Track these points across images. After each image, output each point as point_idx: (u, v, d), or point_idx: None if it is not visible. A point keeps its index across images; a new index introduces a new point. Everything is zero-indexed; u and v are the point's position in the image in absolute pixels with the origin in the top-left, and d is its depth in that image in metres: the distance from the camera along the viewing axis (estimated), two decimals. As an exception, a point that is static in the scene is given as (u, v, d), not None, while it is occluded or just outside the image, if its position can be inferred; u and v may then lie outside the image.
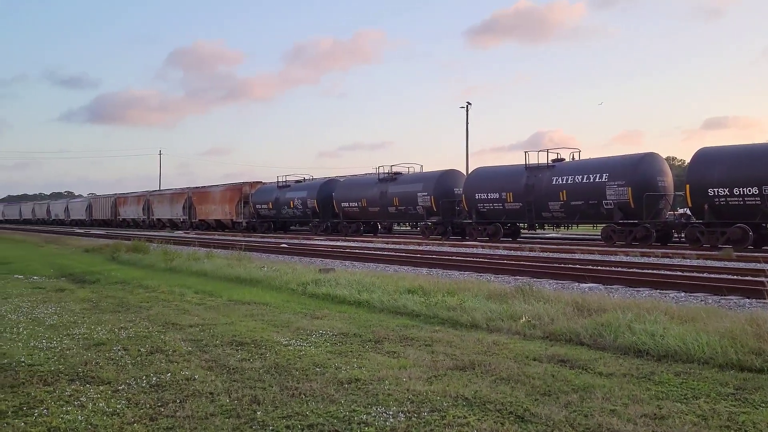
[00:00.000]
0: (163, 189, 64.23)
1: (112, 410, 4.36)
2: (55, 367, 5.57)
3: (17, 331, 7.34)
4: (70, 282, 13.63)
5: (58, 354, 6.11)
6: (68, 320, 8.16)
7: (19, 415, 4.29)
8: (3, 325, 7.81)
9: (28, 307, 9.37)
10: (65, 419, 4.16)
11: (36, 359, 5.88)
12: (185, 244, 26.51)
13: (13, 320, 8.17)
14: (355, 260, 18.25)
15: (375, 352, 6.17)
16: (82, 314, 8.70)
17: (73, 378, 5.22)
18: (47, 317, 8.42)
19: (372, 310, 9.12)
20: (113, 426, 4.04)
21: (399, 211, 32.74)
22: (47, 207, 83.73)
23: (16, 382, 5.12)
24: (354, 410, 4.31)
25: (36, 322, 8.07)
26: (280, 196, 40.57)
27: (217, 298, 10.35)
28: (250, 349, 6.28)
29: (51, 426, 4.04)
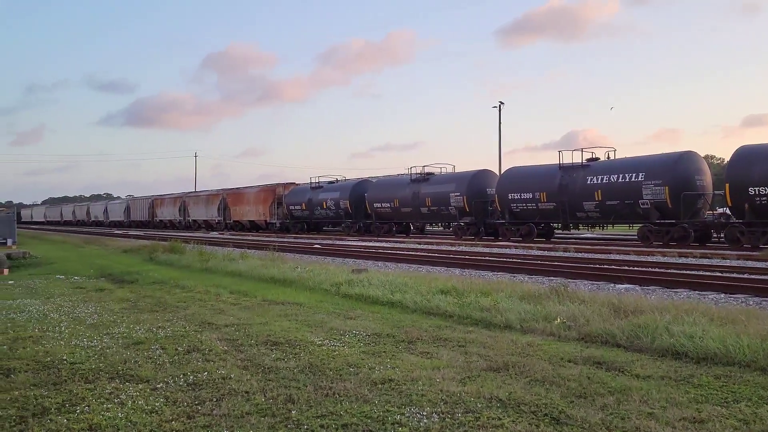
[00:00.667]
0: (198, 190, 65.16)
1: (151, 408, 4.45)
2: (95, 366, 5.70)
3: (59, 330, 7.53)
4: (109, 282, 13.93)
5: (99, 352, 6.26)
6: (108, 319, 8.35)
7: (62, 411, 4.41)
8: (46, 324, 8.03)
9: (69, 307, 9.61)
10: (106, 416, 4.26)
11: (77, 357, 6.03)
12: (220, 245, 26.87)
13: (55, 319, 8.39)
14: (387, 261, 18.27)
15: (408, 353, 6.18)
16: (121, 314, 8.89)
17: (113, 376, 5.34)
18: (88, 316, 8.62)
19: (405, 310, 9.12)
20: (152, 423, 4.12)
21: (431, 211, 32.65)
22: (87, 209, 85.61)
23: (58, 379, 5.26)
24: (388, 410, 4.32)
25: (77, 321, 8.27)
26: (313, 197, 40.82)
27: (251, 298, 10.46)
28: (284, 349, 6.34)
29: (92, 423, 4.14)
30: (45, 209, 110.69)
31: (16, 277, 15.42)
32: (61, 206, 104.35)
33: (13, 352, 6.29)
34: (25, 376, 5.35)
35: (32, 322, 8.19)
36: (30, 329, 7.61)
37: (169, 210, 60.78)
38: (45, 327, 7.77)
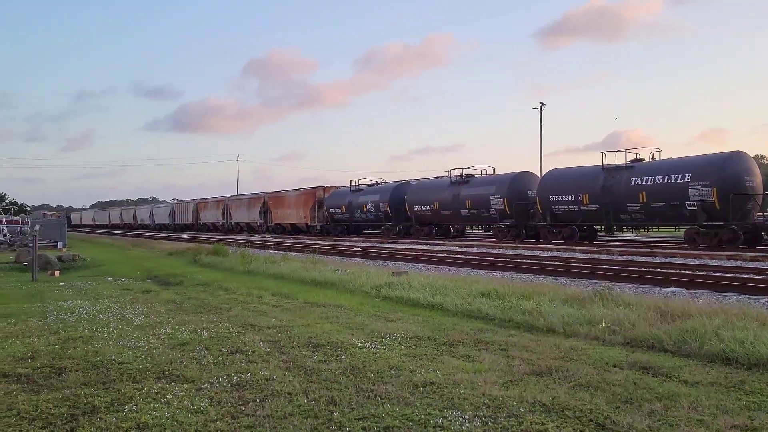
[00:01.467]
0: (240, 194, 66.10)
1: (196, 408, 4.53)
2: (142, 366, 5.83)
3: (108, 331, 7.73)
4: (155, 284, 14.24)
5: (146, 353, 6.40)
6: (154, 320, 8.53)
7: (110, 410, 4.52)
8: (95, 324, 8.25)
9: (117, 308, 9.85)
10: (153, 415, 4.36)
11: (125, 357, 6.17)
12: (262, 248, 27.20)
13: (104, 320, 8.61)
14: (427, 263, 18.23)
15: (449, 356, 6.15)
16: (166, 315, 9.07)
17: (160, 376, 5.46)
18: (135, 317, 8.83)
19: (446, 313, 9.09)
20: (197, 423, 4.20)
21: (471, 214, 32.44)
22: (134, 212, 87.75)
23: (107, 379, 5.40)
24: (429, 414, 4.31)
25: (125, 322, 8.47)
26: (353, 199, 40.99)
27: (293, 301, 10.56)
28: (326, 351, 6.38)
29: (140, 421, 4.23)
30: (94, 213, 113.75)
31: (67, 278, 15.89)
32: (109, 210, 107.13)
33: (64, 352, 6.48)
34: (76, 376, 5.50)
35: (82, 322, 8.43)
36: (80, 330, 7.83)
37: (212, 213, 61.82)
38: (94, 327, 7.98)
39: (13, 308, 10.07)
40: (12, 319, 8.79)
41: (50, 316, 9.10)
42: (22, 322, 8.58)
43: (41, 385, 5.23)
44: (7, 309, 10.00)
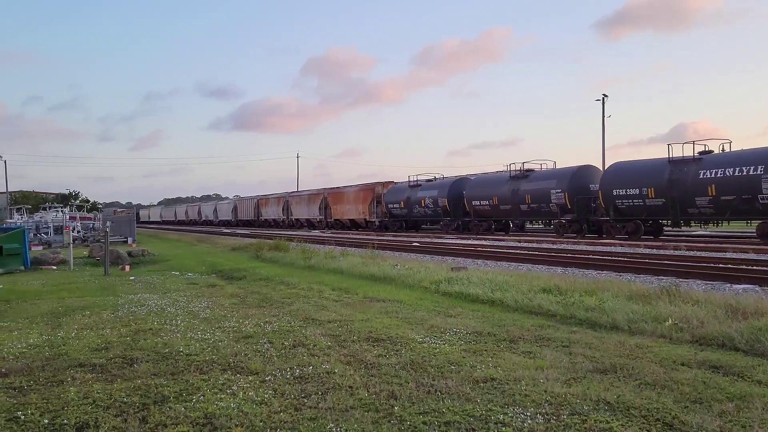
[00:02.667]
0: (300, 190, 67.04)
1: (261, 399, 4.64)
2: (209, 357, 6.02)
3: (176, 323, 8.01)
4: (219, 278, 14.63)
5: (212, 345, 6.59)
6: (219, 314, 8.78)
7: (179, 400, 4.69)
8: (164, 317, 8.55)
9: (184, 302, 10.18)
10: (219, 406, 4.49)
11: (192, 349, 6.38)
12: (322, 243, 27.54)
13: (172, 313, 8.91)
14: (486, 259, 18.08)
15: (510, 352, 6.10)
16: (231, 309, 9.32)
17: (225, 368, 5.62)
18: (201, 311, 9.10)
19: (506, 309, 9.00)
20: (262, 414, 4.30)
21: (531, 208, 31.95)
22: (198, 209, 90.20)
23: (176, 370, 5.60)
24: (490, 409, 4.29)
25: (191, 315, 8.75)
26: (411, 195, 40.99)
27: (353, 295, 10.67)
28: (386, 346, 6.43)
29: (207, 411, 4.37)
30: (161, 209, 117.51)
31: (136, 273, 16.50)
32: (175, 207, 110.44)
33: (135, 343, 6.75)
34: (147, 366, 5.72)
35: (151, 315, 8.75)
36: (150, 322, 8.13)
37: (273, 209, 62.94)
38: (163, 320, 8.28)
39: (87, 301, 10.55)
40: (87, 312, 9.20)
41: (122, 309, 9.49)
42: (96, 314, 8.97)
43: (114, 374, 5.46)
44: (82, 302, 10.48)
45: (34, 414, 4.38)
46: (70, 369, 5.67)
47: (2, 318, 8.90)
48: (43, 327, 8.02)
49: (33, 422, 4.23)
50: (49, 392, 4.92)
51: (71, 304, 10.23)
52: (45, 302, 10.57)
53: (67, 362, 5.92)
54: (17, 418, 4.32)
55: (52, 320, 8.56)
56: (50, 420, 4.25)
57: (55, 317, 8.82)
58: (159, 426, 4.10)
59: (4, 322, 8.46)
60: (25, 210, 46.11)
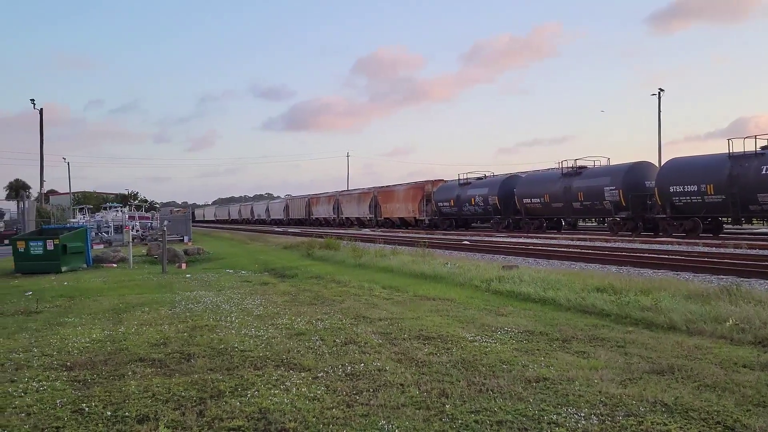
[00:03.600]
0: (350, 189, 67.50)
1: (313, 395, 4.71)
2: (263, 354, 6.13)
3: (230, 320, 8.19)
4: (272, 276, 14.87)
5: (265, 341, 6.72)
6: (272, 311, 8.93)
7: (235, 395, 4.80)
8: (219, 314, 8.75)
9: (238, 299, 10.39)
10: (273, 401, 4.58)
11: (247, 346, 6.51)
12: (372, 242, 27.66)
13: (226, 310, 9.12)
14: (538, 257, 17.85)
15: (563, 352, 6.01)
16: (283, 306, 9.47)
17: (279, 364, 5.72)
18: (254, 308, 9.28)
19: (558, 308, 8.88)
20: (314, 410, 4.36)
21: (584, 206, 31.36)
22: (251, 208, 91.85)
23: (231, 365, 5.73)
24: (543, 409, 4.25)
25: (245, 312, 8.92)
26: (461, 193, 40.78)
27: (403, 294, 10.69)
28: (436, 344, 6.42)
29: (261, 406, 4.46)
30: (215, 209, 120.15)
31: (192, 271, 16.92)
32: (229, 206, 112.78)
33: (192, 339, 6.94)
34: (203, 361, 5.87)
35: (207, 312, 8.97)
36: (206, 319, 8.34)
37: (323, 208, 63.57)
38: (218, 317, 8.48)
39: (146, 298, 10.89)
40: (146, 308, 9.50)
41: (179, 305, 9.75)
42: (154, 310, 9.25)
43: (173, 369, 5.63)
44: (142, 298, 10.82)
45: (97, 406, 4.56)
46: (131, 363, 5.86)
47: (67, 314, 9.27)
48: (105, 323, 8.31)
49: (96, 414, 4.40)
50: (111, 385, 5.11)
51: (131, 300, 10.57)
52: (106, 299, 10.96)
53: (128, 357, 6.13)
54: (82, 410, 4.49)
55: (113, 316, 8.87)
56: (113, 412, 4.42)
57: (116, 313, 9.13)
58: (216, 420, 4.20)
59: (68, 318, 8.81)
60: (87, 210, 47.84)
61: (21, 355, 6.33)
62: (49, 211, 42.68)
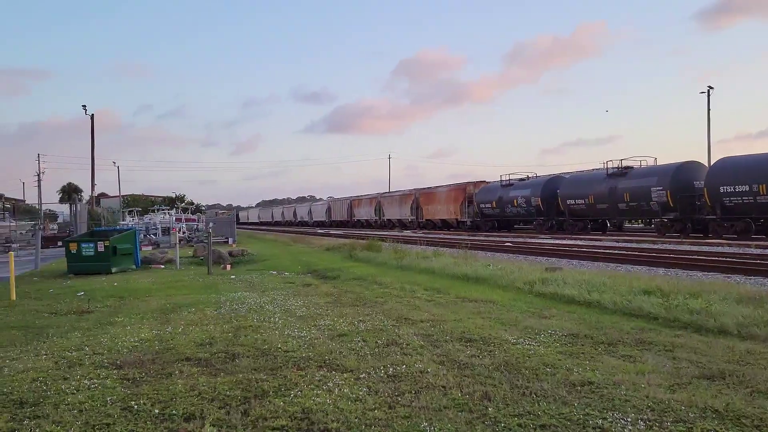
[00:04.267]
0: (392, 191, 67.58)
1: (355, 396, 4.73)
2: (305, 354, 6.19)
3: (274, 321, 8.29)
4: (314, 277, 15.00)
5: (308, 342, 6.78)
6: (314, 312, 9.00)
7: (278, 394, 4.85)
8: (262, 314, 8.87)
9: (281, 300, 10.51)
10: (316, 401, 4.61)
11: (290, 346, 6.58)
12: (413, 243, 27.63)
13: (270, 311, 9.23)
14: (582, 259, 17.56)
15: (609, 355, 5.91)
16: (326, 307, 9.54)
17: (321, 365, 5.76)
18: (297, 309, 9.37)
19: (603, 311, 8.72)
20: (356, 411, 4.39)
21: (630, 207, 30.72)
22: (294, 210, 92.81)
23: (274, 365, 5.80)
24: (588, 414, 4.18)
25: (288, 313, 9.02)
26: (503, 194, 40.43)
27: (445, 295, 10.65)
28: (479, 346, 6.38)
29: (304, 406, 4.50)
30: (259, 211, 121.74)
31: (236, 272, 17.19)
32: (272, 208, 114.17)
33: (236, 339, 7.05)
34: (247, 361, 5.96)
35: (251, 312, 9.10)
36: (250, 319, 8.46)
37: (365, 210, 63.83)
38: (262, 317, 8.59)
39: (193, 298, 11.11)
40: (192, 309, 9.69)
41: (223, 306, 9.92)
42: (200, 311, 9.44)
43: (218, 368, 5.73)
44: (188, 299, 11.04)
45: (146, 404, 4.67)
46: (178, 362, 5.99)
47: (117, 314, 9.53)
48: (153, 322, 8.52)
49: (145, 411, 4.51)
50: (159, 384, 5.23)
51: (178, 301, 10.80)
52: (154, 299, 11.22)
53: (175, 356, 6.27)
54: (131, 407, 4.61)
55: (160, 316, 9.08)
56: (160, 410, 4.52)
57: (164, 313, 9.35)
58: (260, 419, 4.26)
59: (118, 318, 9.06)
60: (135, 212, 49.08)
61: (74, 354, 6.53)
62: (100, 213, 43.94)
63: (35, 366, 6.04)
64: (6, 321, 9.19)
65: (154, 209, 50.29)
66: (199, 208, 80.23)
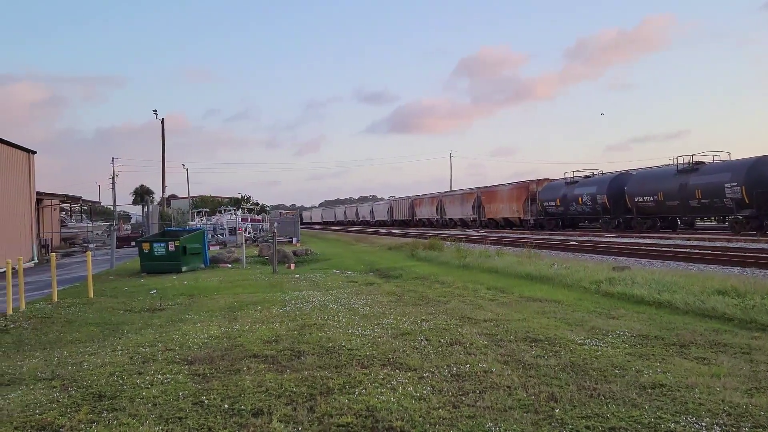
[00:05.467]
0: (453, 190, 67.20)
1: (419, 395, 4.74)
2: (369, 352, 6.24)
3: (338, 319, 8.39)
4: (377, 276, 15.09)
5: (371, 341, 6.83)
6: (377, 311, 9.06)
7: (343, 392, 4.91)
8: (326, 313, 8.99)
9: (345, 298, 10.63)
10: (380, 399, 4.65)
11: (354, 344, 6.65)
12: (475, 242, 27.42)
13: (334, 309, 9.35)
14: (651, 258, 17.01)
15: (681, 357, 5.71)
16: (388, 306, 9.58)
17: (385, 363, 5.80)
18: (360, 308, 9.45)
19: (674, 311, 8.44)
20: (421, 410, 4.39)
21: (702, 204, 29.54)
22: (356, 209, 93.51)
23: (339, 363, 5.87)
24: (660, 417, 4.06)
25: (352, 311, 9.11)
26: (567, 192, 39.57)
27: (508, 295, 10.53)
28: (544, 346, 6.29)
29: (369, 404, 4.54)
30: (321, 211, 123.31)
31: (300, 271, 17.47)
32: (334, 208, 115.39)
33: (302, 337, 7.17)
34: (312, 359, 6.06)
35: (315, 311, 9.24)
36: (314, 317, 8.59)
37: (426, 209, 63.68)
38: (326, 316, 8.71)
39: (259, 297, 11.36)
40: (258, 307, 9.92)
41: (288, 304, 10.11)
42: (266, 309, 9.65)
43: (284, 366, 5.85)
44: (255, 297, 11.30)
45: (215, 399, 4.82)
46: (246, 359, 6.15)
47: (187, 311, 9.85)
48: (221, 320, 8.76)
49: (215, 406, 4.64)
50: (228, 380, 5.38)
51: (245, 299, 11.07)
52: (222, 297, 11.54)
53: (243, 353, 6.43)
54: (202, 402, 4.76)
55: (228, 314, 9.33)
56: (230, 405, 4.65)
57: (231, 311, 9.60)
58: (325, 416, 4.32)
59: (188, 315, 9.36)
60: (203, 213, 50.53)
61: (147, 350, 6.80)
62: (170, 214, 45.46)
63: (112, 361, 6.31)
64: (85, 318, 9.64)
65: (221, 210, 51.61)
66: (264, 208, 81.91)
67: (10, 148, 25.18)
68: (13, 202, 25.07)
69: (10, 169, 24.88)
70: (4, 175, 24.02)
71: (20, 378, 5.84)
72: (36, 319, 9.61)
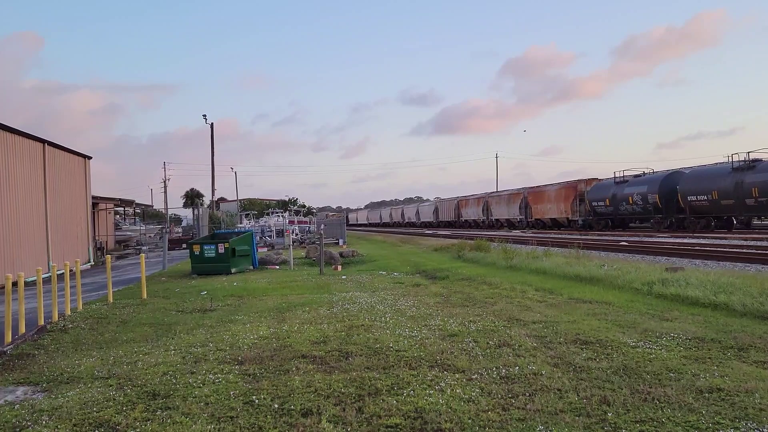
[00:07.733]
0: (499, 190, 66.57)
1: (468, 397, 4.71)
2: (417, 354, 6.23)
3: (385, 320, 8.40)
4: (423, 278, 15.06)
5: (419, 342, 6.82)
6: (424, 312, 9.04)
7: (391, 393, 4.92)
8: (373, 314, 9.02)
9: (391, 300, 10.64)
10: (428, 401, 4.64)
11: (401, 346, 6.66)
12: (522, 243, 27.09)
13: (381, 311, 9.37)
14: (706, 258, 16.51)
15: (739, 361, 5.53)
16: (435, 307, 9.55)
17: (433, 365, 5.78)
18: (407, 309, 9.45)
19: (731, 313, 8.16)
20: (470, 412, 4.36)
21: (759, 203, 28.53)
22: (401, 211, 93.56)
23: (387, 364, 5.88)
24: (718, 422, 3.93)
25: (399, 312, 9.12)
26: (617, 192, 38.75)
27: (557, 296, 10.37)
28: (595, 349, 6.17)
29: (417, 406, 4.54)
30: (367, 212, 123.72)
31: (347, 272, 17.57)
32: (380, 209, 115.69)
33: (349, 338, 7.21)
34: (360, 360, 6.09)
35: (362, 312, 9.28)
36: (361, 318, 8.63)
37: (472, 210, 63.27)
38: (373, 317, 8.74)
39: (306, 298, 11.48)
40: (306, 308, 10.02)
41: (336, 305, 10.18)
42: (314, 310, 9.74)
43: (332, 366, 5.89)
44: (302, 298, 11.42)
45: (266, 399, 4.88)
46: (294, 359, 6.22)
47: (237, 312, 10.02)
48: (270, 321, 8.88)
49: (265, 406, 4.71)
50: (277, 380, 5.45)
51: (293, 300, 11.20)
52: (271, 298, 11.70)
53: (292, 353, 6.50)
54: (252, 401, 4.84)
55: (277, 315, 9.45)
56: (279, 405, 4.71)
57: (280, 312, 9.73)
58: (374, 417, 4.34)
59: (238, 316, 9.52)
60: (252, 215, 51.31)
61: (199, 349, 6.94)
62: (220, 217, 46.32)
63: (165, 360, 6.47)
64: (139, 318, 9.91)
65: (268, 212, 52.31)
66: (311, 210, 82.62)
67: (68, 153, 26.14)
68: (71, 205, 26.00)
69: (68, 174, 25.82)
70: (62, 179, 24.93)
71: (78, 376, 6.04)
72: (93, 319, 9.93)
